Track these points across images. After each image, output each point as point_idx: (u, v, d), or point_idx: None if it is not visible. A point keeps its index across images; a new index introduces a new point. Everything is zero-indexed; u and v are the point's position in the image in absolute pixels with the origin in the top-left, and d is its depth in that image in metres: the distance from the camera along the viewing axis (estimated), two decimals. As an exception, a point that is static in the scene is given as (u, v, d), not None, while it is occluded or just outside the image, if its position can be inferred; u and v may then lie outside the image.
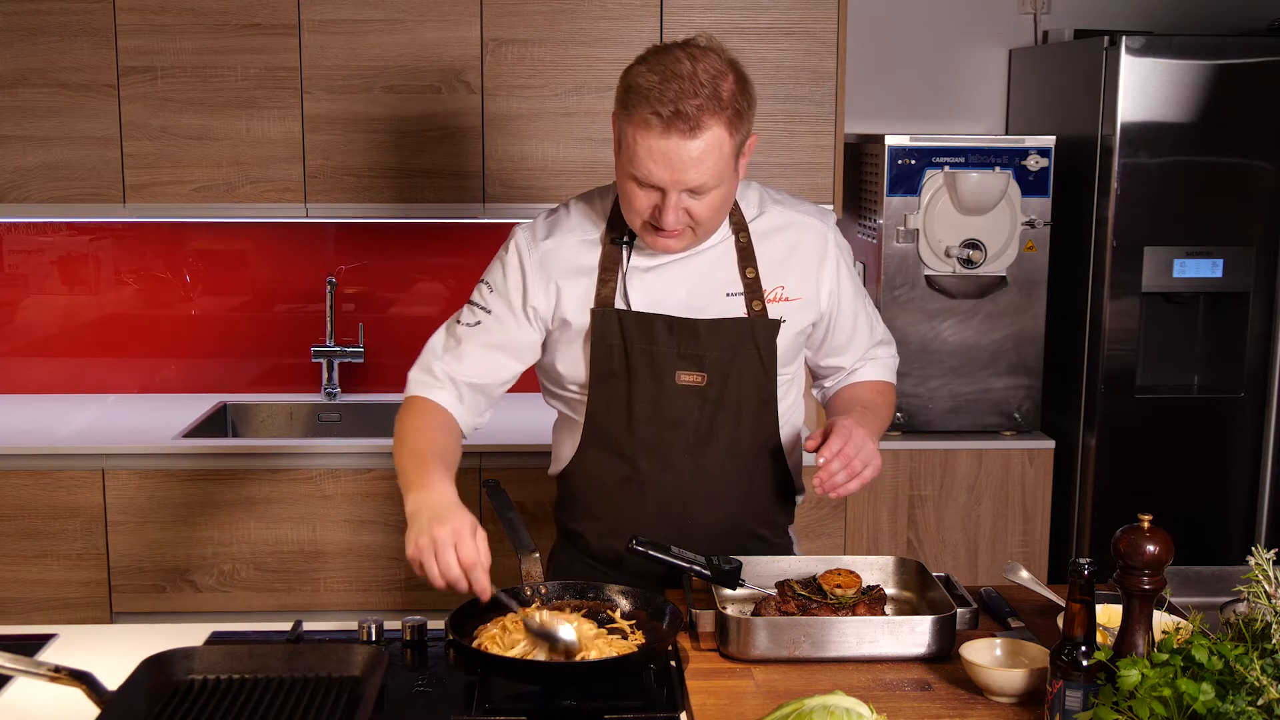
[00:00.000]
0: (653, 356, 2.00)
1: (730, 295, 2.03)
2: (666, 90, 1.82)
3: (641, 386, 2.01)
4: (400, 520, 3.15)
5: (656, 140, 1.84)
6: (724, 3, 3.25)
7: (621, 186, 1.93)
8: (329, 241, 3.66)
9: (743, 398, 2.03)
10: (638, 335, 2.00)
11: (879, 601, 1.87)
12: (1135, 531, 1.56)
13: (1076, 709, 1.51)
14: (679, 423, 2.03)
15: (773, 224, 2.07)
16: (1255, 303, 3.28)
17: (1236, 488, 3.36)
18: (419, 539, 1.77)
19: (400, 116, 3.26)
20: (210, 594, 3.16)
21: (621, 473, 2.06)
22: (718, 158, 1.86)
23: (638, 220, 1.94)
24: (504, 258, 2.07)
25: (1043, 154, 3.33)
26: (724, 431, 2.04)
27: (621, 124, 1.90)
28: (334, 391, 3.63)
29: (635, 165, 1.87)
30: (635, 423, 2.03)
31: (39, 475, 3.11)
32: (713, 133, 1.84)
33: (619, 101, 1.90)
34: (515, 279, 2.04)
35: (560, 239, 2.04)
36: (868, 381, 2.21)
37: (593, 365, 2.02)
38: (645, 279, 2.02)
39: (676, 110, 1.82)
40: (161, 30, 3.20)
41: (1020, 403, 3.43)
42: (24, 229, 3.61)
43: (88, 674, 1.60)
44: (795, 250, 2.07)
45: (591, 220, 2.06)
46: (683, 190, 1.88)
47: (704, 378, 2.01)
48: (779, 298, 2.05)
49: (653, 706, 1.66)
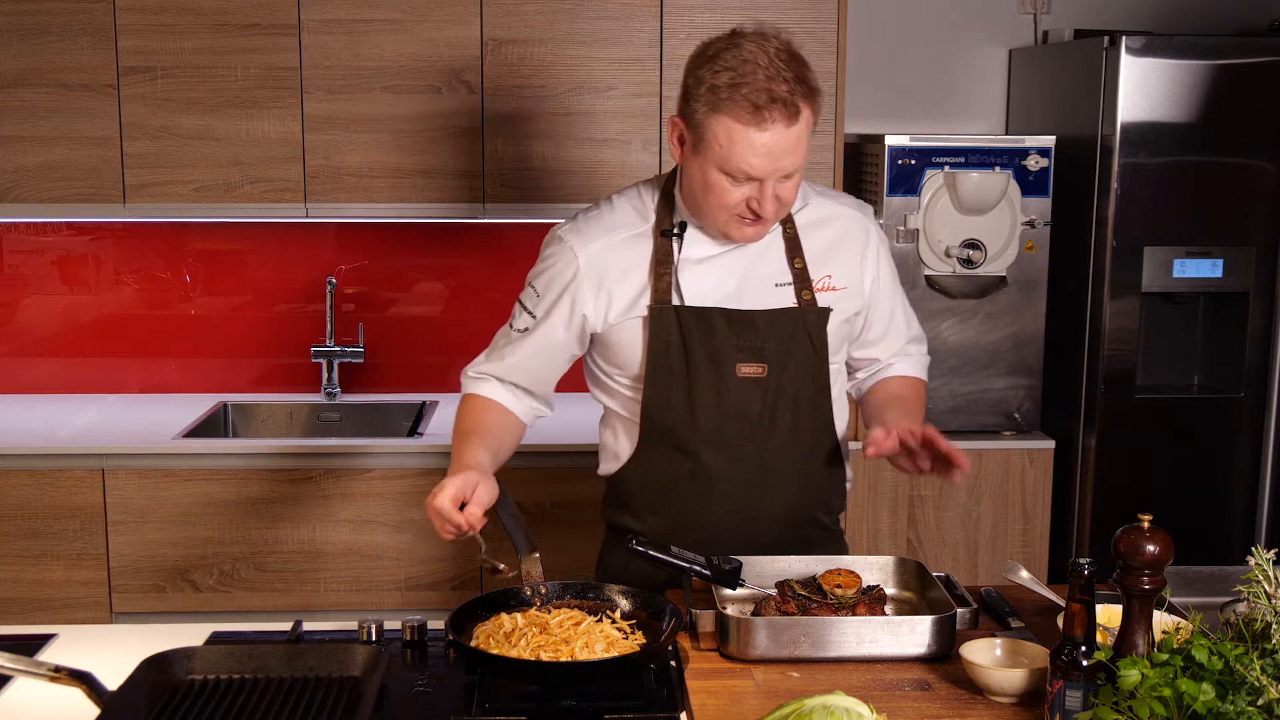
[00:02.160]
0: (713, 350, 2.01)
1: (779, 286, 2.05)
2: (755, 81, 1.83)
3: (703, 380, 2.02)
4: (400, 521, 3.17)
5: (756, 133, 1.85)
6: (724, 3, 3.25)
7: (709, 184, 1.92)
8: (329, 241, 3.66)
9: (800, 387, 2.05)
10: (697, 330, 2.00)
11: (879, 601, 1.87)
12: (1135, 531, 1.56)
13: (1076, 709, 1.51)
14: (741, 415, 2.04)
15: (817, 215, 2.10)
16: (1255, 303, 3.28)
17: (1236, 488, 3.36)
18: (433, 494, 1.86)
19: (400, 116, 3.26)
20: (210, 594, 3.16)
21: (685, 467, 2.06)
22: (807, 139, 1.90)
23: (725, 215, 1.95)
24: (551, 262, 2.07)
25: (1043, 154, 3.33)
26: (784, 421, 2.05)
27: (706, 124, 1.88)
28: (334, 391, 3.63)
29: (731, 161, 1.87)
30: (697, 417, 2.03)
31: (39, 475, 3.11)
32: (804, 116, 1.87)
33: (702, 102, 1.88)
34: (562, 284, 2.05)
35: (609, 238, 2.05)
36: (902, 377, 2.23)
37: (649, 361, 2.03)
38: (697, 272, 2.03)
39: (772, 98, 1.83)
40: (161, 30, 3.20)
41: (1020, 403, 3.43)
42: (24, 229, 3.61)
43: (88, 674, 1.60)
44: (840, 241, 2.10)
45: (639, 213, 2.07)
46: (779, 177, 1.89)
47: (764, 368, 2.02)
48: (826, 287, 2.07)
49: (653, 706, 1.66)
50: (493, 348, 2.15)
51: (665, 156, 3.31)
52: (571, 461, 3.16)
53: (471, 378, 2.16)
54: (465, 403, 2.15)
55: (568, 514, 3.17)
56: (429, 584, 3.19)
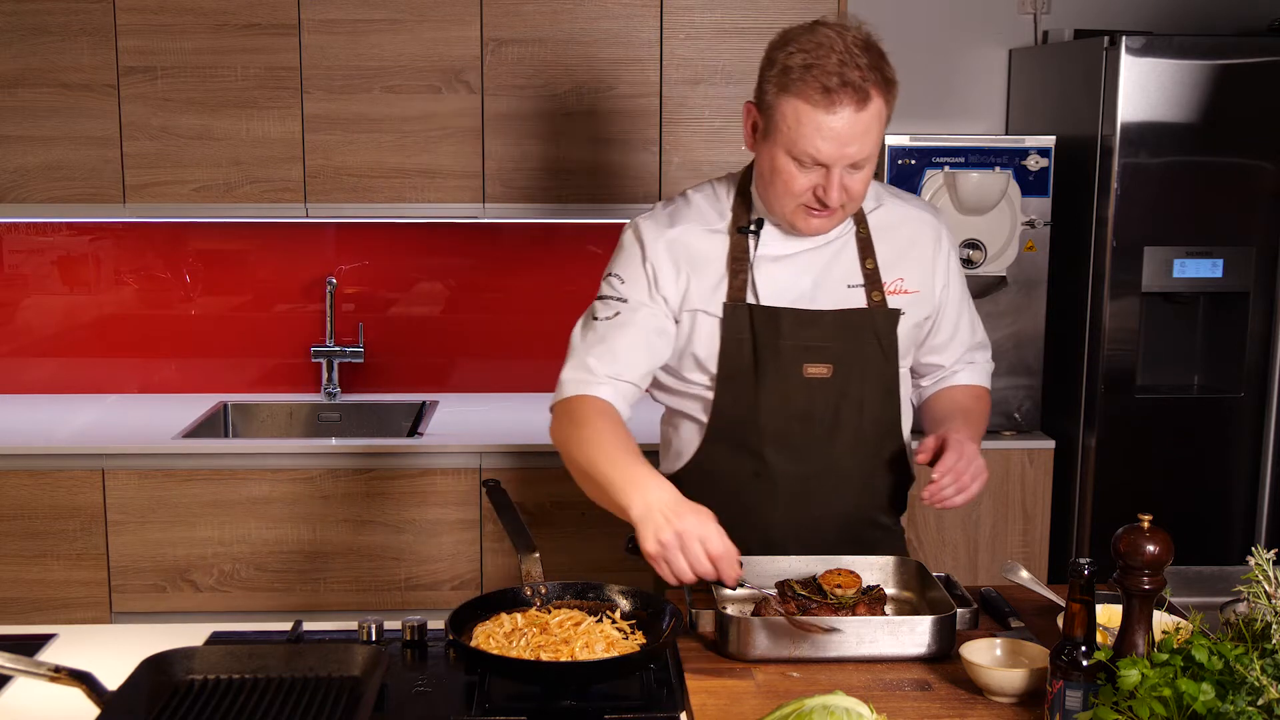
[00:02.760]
0: (780, 350, 2.00)
1: (851, 287, 2.04)
2: (828, 64, 1.83)
3: (770, 380, 2.01)
4: (400, 521, 3.16)
5: (824, 116, 1.84)
6: (724, 3, 3.25)
7: (776, 169, 1.91)
8: (329, 241, 3.66)
9: (866, 388, 2.04)
10: (766, 329, 2.00)
11: (879, 601, 1.87)
12: (1135, 531, 1.56)
13: (1076, 709, 1.51)
14: (806, 415, 2.03)
15: (891, 217, 2.09)
16: (1255, 303, 3.28)
17: (1236, 488, 3.36)
18: (660, 535, 1.73)
19: (400, 116, 3.26)
20: (210, 594, 3.16)
21: (750, 467, 2.05)
22: (878, 129, 1.88)
23: (791, 203, 1.93)
24: (629, 248, 2.05)
25: (1043, 154, 3.33)
26: (849, 422, 2.05)
27: (777, 105, 1.88)
28: (334, 391, 3.63)
29: (800, 145, 1.86)
30: (763, 416, 2.02)
31: (39, 475, 3.11)
32: (875, 104, 1.86)
33: (773, 83, 1.88)
34: (646, 267, 2.02)
35: (685, 228, 2.03)
36: (966, 386, 2.21)
37: (722, 359, 2.02)
38: (772, 270, 2.02)
39: (843, 82, 1.82)
40: (161, 30, 3.20)
41: (1020, 403, 3.43)
42: (24, 229, 3.61)
43: (88, 674, 1.60)
44: (913, 244, 2.09)
45: (715, 209, 2.05)
46: (846, 165, 1.88)
47: (831, 369, 2.02)
48: (898, 290, 2.07)
49: (653, 706, 1.66)
50: (588, 343, 2.00)
51: (665, 156, 3.31)
52: (571, 461, 3.16)
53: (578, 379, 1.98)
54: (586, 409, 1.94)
55: (568, 514, 3.17)
56: (429, 584, 3.19)
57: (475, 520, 3.17)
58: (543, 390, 3.69)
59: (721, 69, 3.28)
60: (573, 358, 2.01)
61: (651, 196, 3.31)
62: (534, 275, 3.69)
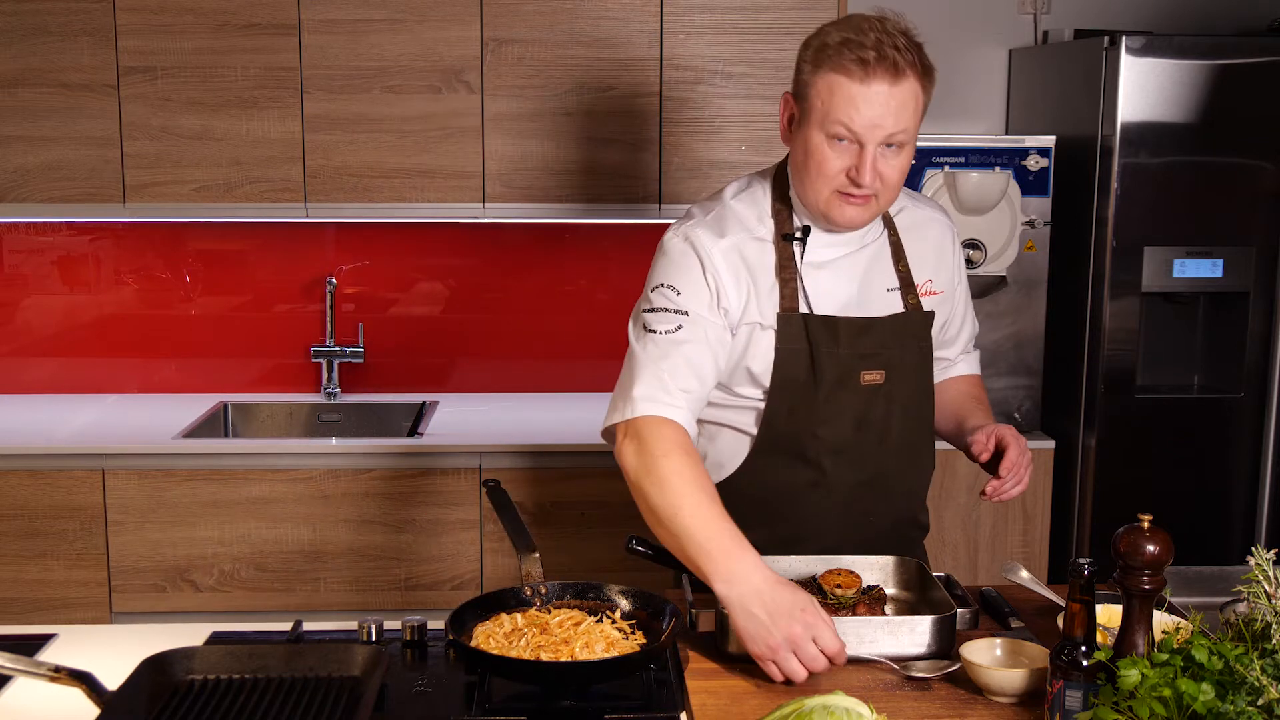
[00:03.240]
0: (840, 358, 1.98)
1: (890, 291, 2.04)
2: (865, 39, 1.83)
3: (829, 389, 1.99)
4: (400, 520, 3.16)
5: (859, 86, 1.83)
6: (724, 3, 3.25)
7: (810, 151, 1.89)
8: (329, 241, 3.66)
9: (910, 392, 2.05)
10: (823, 339, 1.97)
11: (879, 601, 1.87)
12: (1135, 531, 1.56)
13: (1076, 709, 1.51)
14: (863, 422, 2.02)
15: (913, 219, 2.11)
16: (1255, 303, 3.28)
17: (1236, 488, 3.36)
18: (770, 640, 1.68)
19: (400, 116, 3.26)
20: (210, 594, 3.16)
21: (806, 477, 2.03)
22: (914, 110, 1.87)
23: (825, 189, 1.90)
24: (683, 258, 1.96)
25: (1043, 154, 3.33)
26: (898, 426, 2.05)
27: (812, 83, 1.87)
28: (334, 391, 3.63)
29: (833, 117, 1.85)
30: (823, 426, 2.00)
31: (39, 475, 3.11)
32: (910, 82, 1.85)
33: (810, 62, 1.88)
34: (705, 279, 1.95)
35: (735, 238, 1.98)
36: (967, 376, 2.25)
37: (776, 370, 1.98)
38: (818, 277, 2.01)
39: (880, 54, 1.82)
40: (161, 30, 3.20)
41: (1020, 403, 3.43)
42: (24, 229, 3.61)
43: (88, 674, 1.60)
44: (936, 245, 2.11)
45: (756, 216, 2.02)
46: (880, 143, 1.86)
47: (883, 375, 2.02)
48: (928, 291, 2.08)
49: (653, 706, 1.66)
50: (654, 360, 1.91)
51: (665, 156, 3.31)
52: (571, 461, 3.16)
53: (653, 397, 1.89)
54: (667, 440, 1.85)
55: (568, 514, 3.17)
56: (429, 584, 3.19)
57: (475, 520, 3.17)
58: (543, 390, 3.72)
59: (721, 69, 3.28)
60: (642, 372, 1.91)
61: (651, 196, 3.31)
62: (534, 275, 3.69)
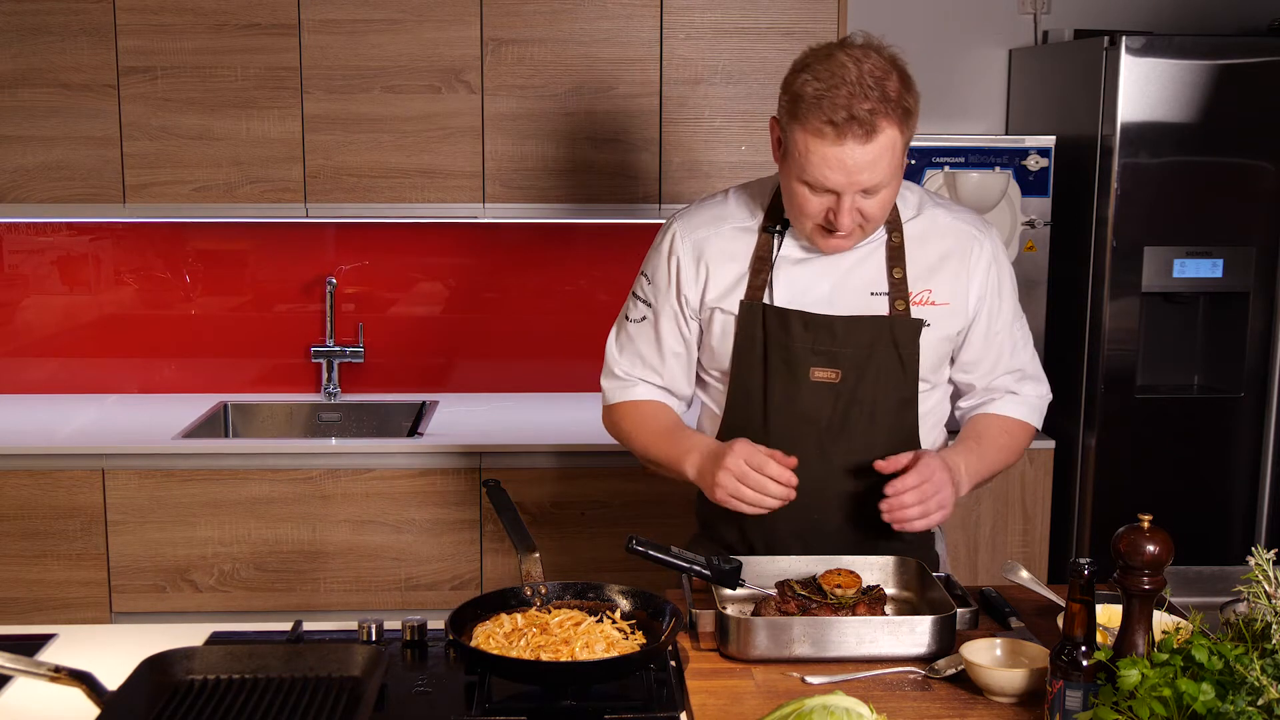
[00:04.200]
0: (789, 352, 2.02)
1: (874, 294, 2.04)
2: (837, 97, 1.84)
3: (777, 380, 2.03)
4: (400, 521, 3.17)
5: (831, 148, 1.85)
6: (724, 3, 3.25)
7: (790, 191, 1.94)
8: (329, 241, 3.66)
9: (879, 396, 2.04)
10: (776, 330, 2.02)
11: (879, 601, 1.87)
12: (1135, 531, 1.56)
13: (1076, 709, 1.51)
14: (811, 418, 2.04)
15: (930, 227, 2.07)
16: (1255, 303, 3.28)
17: (1236, 488, 3.36)
18: (718, 478, 1.92)
19: (400, 116, 3.26)
20: (210, 594, 3.16)
21: None
22: (891, 158, 1.88)
23: (808, 224, 1.96)
24: (660, 245, 2.12)
25: (1043, 154, 3.33)
26: (858, 429, 2.04)
27: (790, 132, 1.91)
28: (334, 391, 3.63)
29: (808, 172, 1.88)
30: (770, 417, 2.04)
31: (39, 475, 3.11)
32: (886, 134, 1.86)
33: (785, 110, 1.92)
34: (669, 268, 2.09)
35: (715, 228, 2.08)
36: (998, 416, 2.17)
37: (735, 356, 2.05)
38: (793, 271, 2.04)
39: (850, 115, 1.83)
40: (161, 30, 3.20)
41: (1020, 403, 3.42)
42: (24, 229, 3.61)
43: (88, 674, 1.60)
44: (949, 256, 2.06)
45: (749, 209, 2.09)
46: (858, 192, 1.89)
47: (838, 374, 2.02)
48: (925, 301, 2.05)
49: (653, 706, 1.66)
50: (621, 348, 2.17)
51: (665, 157, 3.31)
52: (571, 461, 3.16)
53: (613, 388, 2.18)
54: (625, 412, 2.17)
55: (568, 514, 3.17)
56: (429, 584, 3.19)
57: (475, 520, 3.17)
58: (543, 390, 3.72)
59: (721, 69, 3.28)
60: (606, 366, 2.18)
61: (651, 196, 3.32)
62: (534, 275, 3.69)
